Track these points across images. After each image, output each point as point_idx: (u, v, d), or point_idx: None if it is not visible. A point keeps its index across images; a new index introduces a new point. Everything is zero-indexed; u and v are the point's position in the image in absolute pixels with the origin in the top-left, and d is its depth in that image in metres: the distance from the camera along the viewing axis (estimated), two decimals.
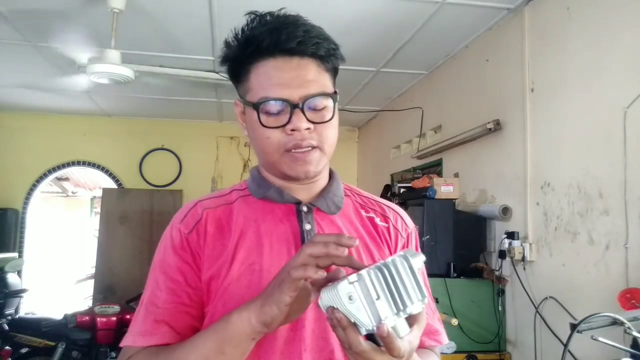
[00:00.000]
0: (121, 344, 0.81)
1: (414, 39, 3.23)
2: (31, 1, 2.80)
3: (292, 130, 0.80)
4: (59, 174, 5.98)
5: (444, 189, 2.94)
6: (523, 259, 2.58)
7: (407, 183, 3.58)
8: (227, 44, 0.85)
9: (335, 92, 0.85)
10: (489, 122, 2.91)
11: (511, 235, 2.64)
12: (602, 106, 2.15)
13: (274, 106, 0.80)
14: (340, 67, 0.88)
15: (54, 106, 5.19)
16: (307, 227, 0.86)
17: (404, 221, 0.95)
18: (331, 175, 0.95)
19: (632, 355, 1.44)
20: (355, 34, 3.11)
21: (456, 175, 3.41)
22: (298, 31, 0.80)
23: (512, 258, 2.62)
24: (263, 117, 0.81)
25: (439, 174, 3.62)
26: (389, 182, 4.47)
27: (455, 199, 2.95)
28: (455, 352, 2.61)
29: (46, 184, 6.06)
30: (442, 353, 2.60)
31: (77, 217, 9.79)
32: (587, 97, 2.24)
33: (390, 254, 0.86)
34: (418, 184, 3.17)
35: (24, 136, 5.49)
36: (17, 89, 4.60)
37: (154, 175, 5.65)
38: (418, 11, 2.84)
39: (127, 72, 2.84)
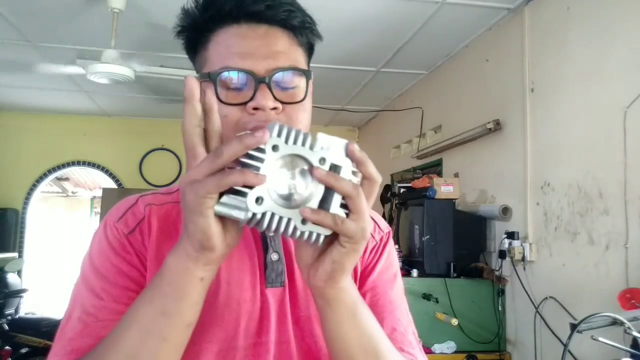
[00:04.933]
0: None
1: (414, 39, 3.23)
2: (31, 1, 2.81)
3: (255, 109, 0.65)
4: (59, 174, 5.98)
5: (444, 189, 2.94)
6: (523, 259, 2.58)
7: (407, 183, 3.58)
8: (184, 10, 0.72)
9: (309, 70, 0.72)
10: (489, 122, 2.91)
11: (511, 235, 2.64)
12: (602, 106, 2.15)
13: (234, 78, 0.66)
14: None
15: (54, 106, 5.20)
16: None
17: (376, 224, 0.82)
18: None
19: (632, 355, 1.44)
20: (355, 34, 3.12)
21: (456, 175, 3.41)
22: None
23: (512, 258, 2.62)
24: (221, 92, 0.66)
25: (439, 174, 3.62)
26: (389, 182, 4.47)
27: (455, 199, 2.95)
28: (455, 352, 2.61)
29: (46, 184, 6.06)
30: (441, 353, 2.61)
31: (77, 217, 9.79)
32: (587, 97, 2.24)
33: (361, 258, 0.77)
34: (418, 184, 3.17)
35: (24, 136, 5.49)
36: (17, 89, 4.61)
37: (154, 175, 5.65)
38: (418, 11, 2.84)
39: (127, 72, 2.84)
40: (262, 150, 0.49)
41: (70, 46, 3.43)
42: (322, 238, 0.52)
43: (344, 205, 0.52)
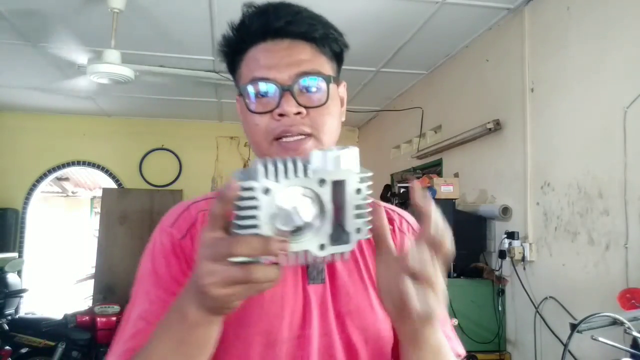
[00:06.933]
0: None
1: (414, 39, 3.23)
2: (31, 1, 2.80)
3: (280, 115, 0.71)
4: (59, 174, 5.98)
5: (444, 189, 2.94)
6: (523, 259, 2.58)
7: (407, 183, 3.58)
8: (223, 37, 0.80)
9: (331, 76, 0.77)
10: (489, 122, 2.91)
11: (511, 235, 2.64)
12: (602, 106, 2.15)
13: (260, 88, 0.73)
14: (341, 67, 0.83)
15: (54, 106, 5.19)
16: None
17: (408, 223, 0.87)
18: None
19: (632, 355, 1.44)
20: (355, 34, 3.11)
21: (456, 175, 3.41)
22: (289, 12, 0.75)
23: (512, 258, 2.62)
24: (250, 102, 0.74)
25: (439, 174, 3.62)
26: (389, 182, 4.47)
27: (455, 199, 2.95)
28: None
29: (46, 184, 6.06)
30: None
31: (77, 217, 9.79)
32: (587, 97, 2.24)
33: None
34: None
35: (24, 136, 5.49)
36: (17, 89, 4.61)
37: (154, 175, 5.65)
38: (418, 11, 2.84)
39: (127, 72, 2.84)
40: (254, 199, 0.46)
41: (70, 46, 3.43)
42: (347, 255, 0.51)
43: (359, 216, 0.50)
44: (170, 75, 3.68)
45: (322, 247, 0.49)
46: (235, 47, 0.77)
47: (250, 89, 0.73)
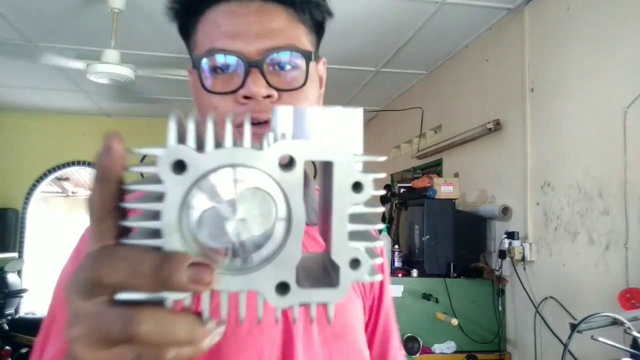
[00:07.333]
0: None
1: (414, 39, 3.23)
2: (31, 1, 2.81)
3: (246, 97, 0.57)
4: (59, 174, 5.98)
5: (444, 189, 2.94)
6: (523, 259, 2.58)
7: (407, 183, 3.58)
8: None
9: (311, 52, 0.62)
10: (489, 122, 2.91)
11: (511, 235, 2.64)
12: (602, 106, 2.15)
13: (220, 61, 0.57)
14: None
15: (54, 106, 5.19)
16: None
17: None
18: (305, 174, 0.64)
19: (632, 355, 1.44)
20: (355, 34, 3.11)
21: (456, 175, 3.41)
22: None
23: (512, 258, 2.62)
24: (207, 79, 0.58)
25: (439, 174, 3.62)
26: (389, 182, 4.46)
27: (455, 199, 2.95)
28: (455, 352, 2.61)
29: (46, 184, 6.06)
30: (442, 353, 2.61)
31: (77, 217, 9.79)
32: (587, 97, 2.24)
33: None
34: (418, 184, 3.17)
35: (24, 136, 5.49)
36: (17, 89, 4.61)
37: None
38: (418, 11, 2.84)
39: (127, 72, 2.83)
40: (155, 180, 0.26)
41: (70, 46, 3.42)
42: (331, 311, 0.28)
43: (358, 236, 0.27)
44: (170, 75, 3.68)
45: (282, 288, 0.27)
46: (190, 5, 0.61)
47: (207, 62, 0.58)
